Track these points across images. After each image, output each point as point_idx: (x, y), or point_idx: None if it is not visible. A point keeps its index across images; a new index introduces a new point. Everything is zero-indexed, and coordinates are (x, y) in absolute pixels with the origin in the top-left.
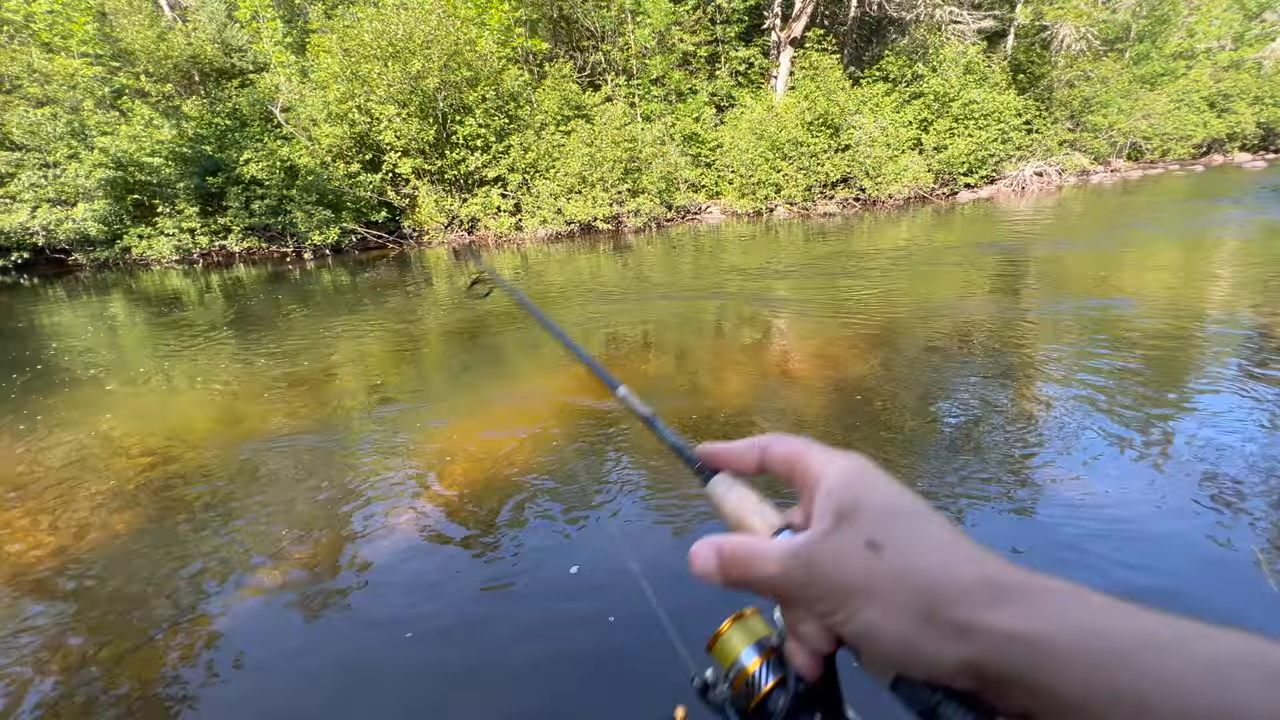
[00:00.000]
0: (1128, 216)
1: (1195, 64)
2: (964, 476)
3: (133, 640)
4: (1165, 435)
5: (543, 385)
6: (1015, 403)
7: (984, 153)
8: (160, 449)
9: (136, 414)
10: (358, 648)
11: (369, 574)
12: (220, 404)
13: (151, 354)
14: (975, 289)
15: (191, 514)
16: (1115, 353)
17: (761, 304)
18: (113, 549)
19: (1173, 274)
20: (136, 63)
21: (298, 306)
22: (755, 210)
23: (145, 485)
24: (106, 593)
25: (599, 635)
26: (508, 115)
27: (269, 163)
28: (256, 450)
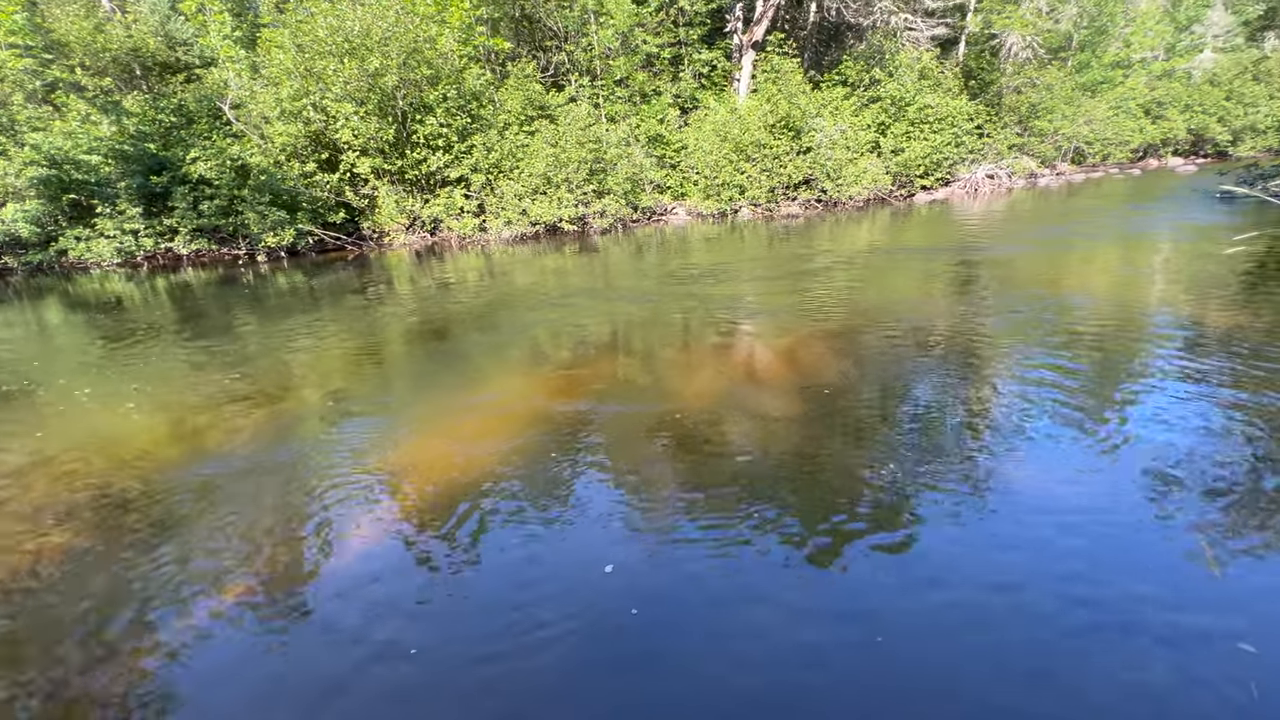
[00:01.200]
0: (1073, 217)
1: (1131, 73)
2: (922, 471)
3: (74, 668)
4: (1112, 428)
5: (506, 389)
6: (971, 399)
7: (939, 156)
8: (101, 466)
9: (74, 428)
10: (314, 667)
11: (325, 591)
12: (166, 416)
13: (91, 363)
14: (933, 288)
15: (136, 534)
16: (1064, 349)
17: (727, 305)
18: (51, 573)
19: (1115, 272)
20: (71, 55)
21: (251, 311)
22: (720, 211)
23: (85, 505)
24: (45, 619)
25: (562, 647)
26: (470, 115)
27: (218, 161)
28: (205, 465)
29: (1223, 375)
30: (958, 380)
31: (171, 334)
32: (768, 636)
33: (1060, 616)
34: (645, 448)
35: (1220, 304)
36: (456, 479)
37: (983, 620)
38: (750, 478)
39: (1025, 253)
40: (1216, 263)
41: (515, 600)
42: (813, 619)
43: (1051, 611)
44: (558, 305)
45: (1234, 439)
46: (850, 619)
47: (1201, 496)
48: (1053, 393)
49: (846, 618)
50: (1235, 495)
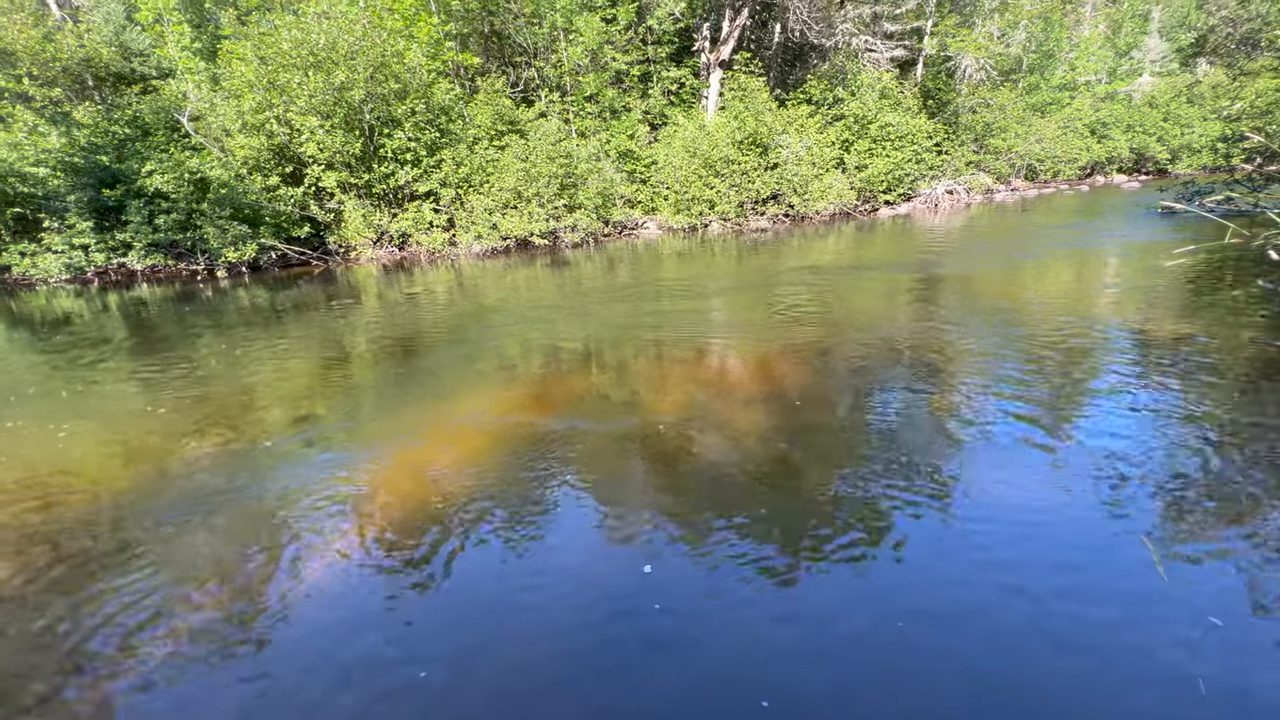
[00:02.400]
0: (1028, 232)
1: (1077, 94)
2: (890, 480)
3: (25, 700)
4: (1067, 435)
5: (477, 406)
6: (934, 408)
7: (900, 172)
8: (48, 492)
9: (19, 452)
10: (288, 682)
11: (297, 606)
12: (118, 435)
13: (36, 382)
14: (898, 301)
15: (87, 563)
16: (1020, 359)
17: (698, 319)
18: (5, 597)
19: (1067, 284)
20: (18, 64)
21: (210, 328)
22: (691, 225)
23: (33, 532)
24: (4, 643)
25: (536, 663)
26: (439, 129)
27: (175, 174)
28: (162, 489)
29: (1169, 381)
30: (922, 389)
31: (123, 353)
32: (747, 650)
33: (1022, 613)
34: (616, 462)
35: (1164, 313)
36: (425, 498)
37: (957, 617)
38: (721, 490)
39: (984, 266)
40: (1160, 274)
41: (487, 619)
42: (784, 626)
43: (1020, 609)
44: (529, 320)
45: (1182, 442)
46: (825, 625)
47: (1151, 498)
48: (1010, 402)
49: (820, 624)
50: (1185, 496)
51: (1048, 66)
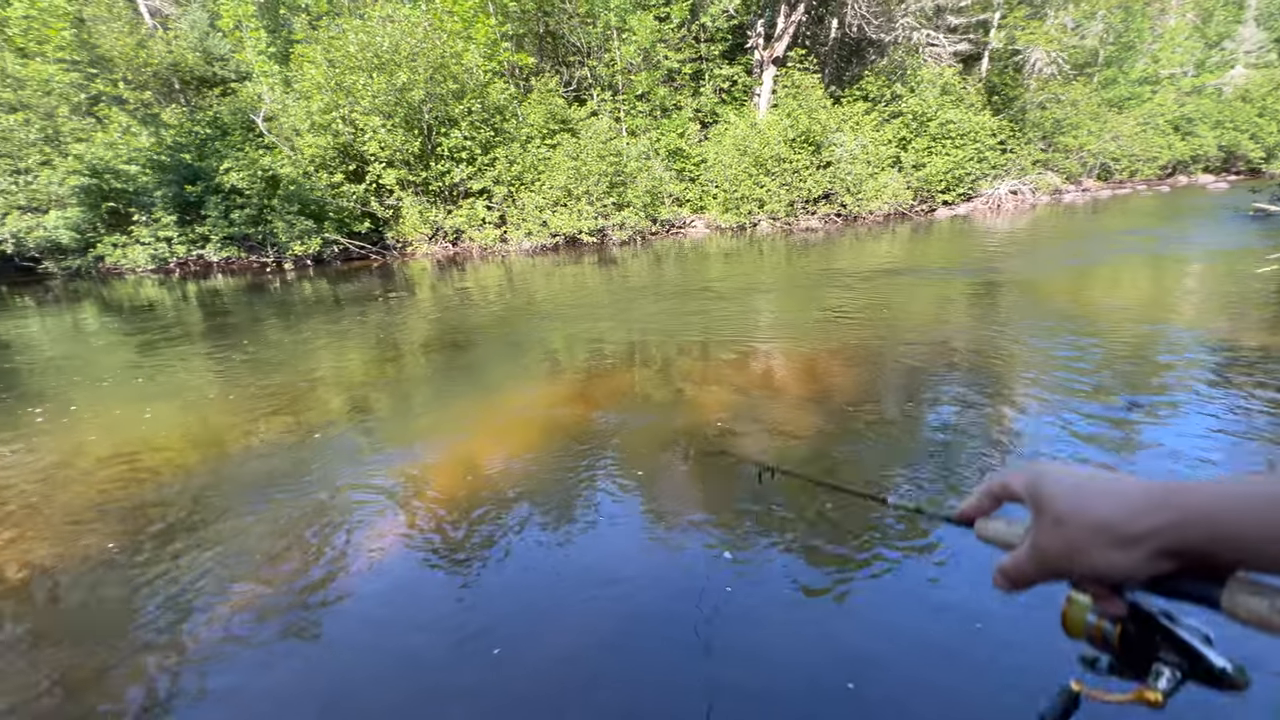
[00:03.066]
0: (1100, 235)
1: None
2: (941, 487)
3: (104, 662)
4: (1131, 447)
5: (527, 398)
6: (992, 418)
7: (961, 171)
8: (131, 466)
9: (107, 429)
10: (338, 671)
11: (350, 595)
12: (195, 419)
13: (123, 366)
14: (955, 306)
15: (164, 533)
16: (1089, 371)
17: (744, 319)
18: (83, 569)
19: (1144, 292)
20: (115, 70)
21: (278, 318)
22: (739, 224)
23: (116, 503)
24: (78, 614)
25: (579, 659)
26: (493, 128)
27: (250, 172)
28: (233, 467)
29: (1256, 403)
30: (979, 398)
31: (204, 339)
32: (792, 661)
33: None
34: (662, 460)
35: (1255, 326)
36: (475, 488)
37: (997, 636)
38: (769, 494)
39: (1050, 270)
40: (1251, 283)
41: (533, 612)
42: (828, 639)
43: None
44: (576, 317)
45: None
46: (872, 640)
47: None
48: (1075, 417)
49: (870, 631)
50: None
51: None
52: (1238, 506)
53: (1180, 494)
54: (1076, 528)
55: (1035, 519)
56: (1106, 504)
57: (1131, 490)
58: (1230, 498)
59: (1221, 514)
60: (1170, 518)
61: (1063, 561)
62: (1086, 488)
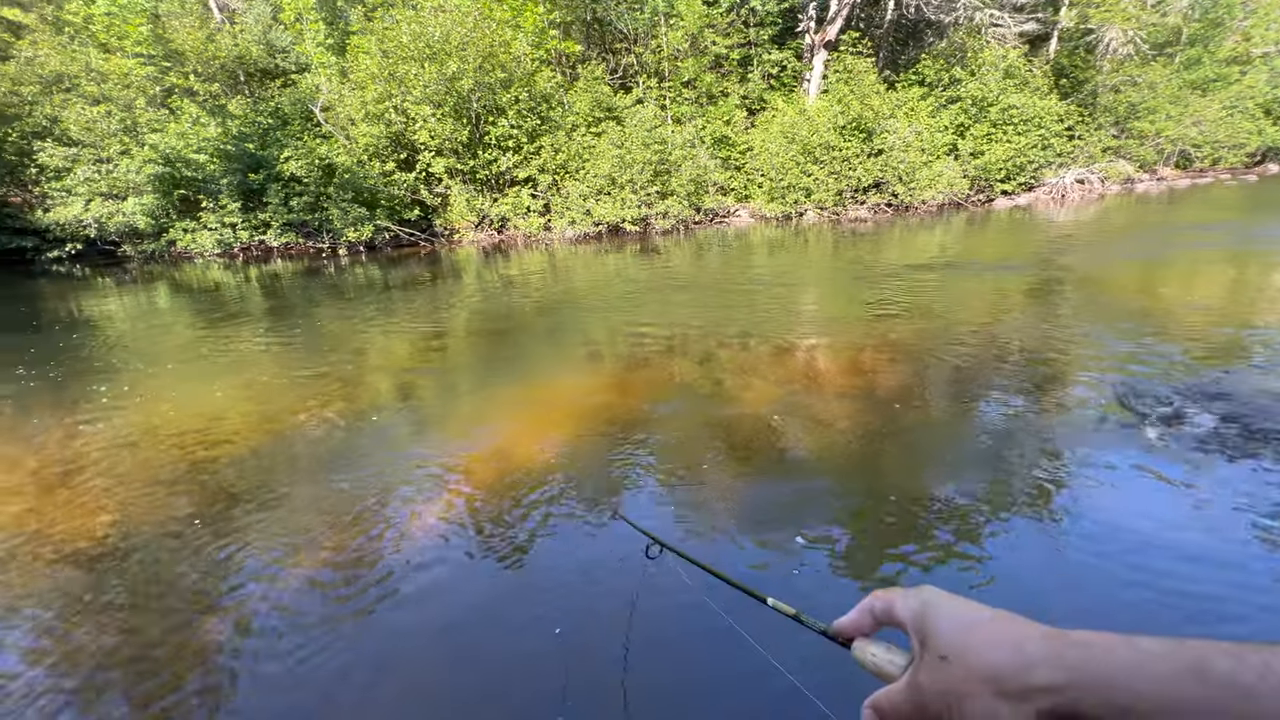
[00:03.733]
0: (1175, 228)
1: (1251, 69)
2: (989, 495)
3: (168, 623)
4: (1201, 465)
5: (568, 386)
6: (1045, 424)
7: (1023, 159)
8: (197, 437)
9: (176, 402)
10: (388, 637)
11: (400, 566)
12: (256, 395)
13: (192, 344)
14: (1011, 304)
15: (230, 506)
16: (1155, 376)
17: (787, 312)
18: (150, 532)
19: (1222, 292)
20: (186, 63)
21: (333, 302)
22: (784, 214)
23: (186, 476)
24: (144, 575)
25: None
26: (540, 116)
27: (308, 160)
28: (292, 445)
29: None
30: (1033, 402)
31: (265, 320)
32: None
33: None
34: (704, 452)
35: None
36: (518, 472)
37: None
38: (813, 488)
39: (1116, 267)
40: None
41: (573, 594)
42: None
43: None
44: (618, 306)
45: None
46: None
47: None
48: (1138, 425)
49: None
50: None
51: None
52: (1140, 675)
53: (1080, 649)
54: (963, 671)
55: (919, 653)
56: (999, 650)
57: (1029, 638)
58: (1131, 665)
59: (1122, 681)
60: (1068, 677)
61: (940, 706)
62: (980, 628)
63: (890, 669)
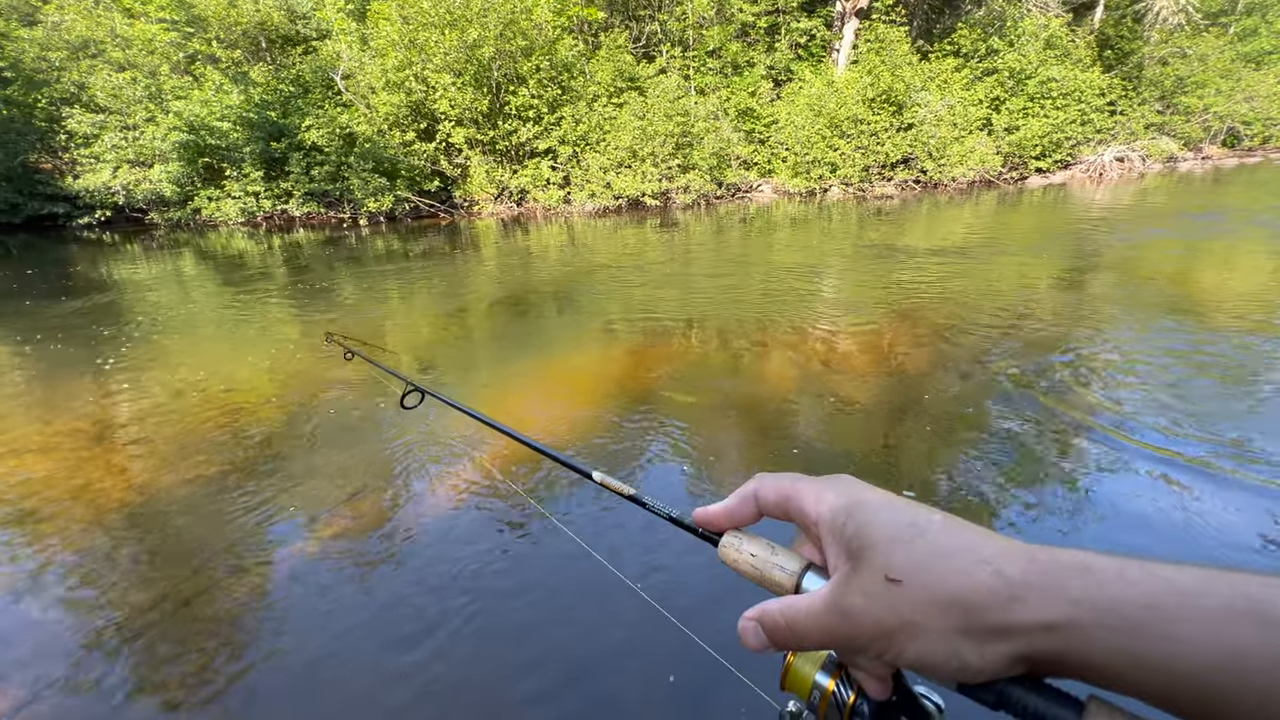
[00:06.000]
0: (1221, 210)
1: None
2: (1004, 481)
3: (196, 585)
4: (1230, 459)
5: (584, 361)
6: (1068, 411)
7: (1060, 135)
8: (223, 401)
9: (204, 366)
10: (407, 603)
11: (420, 533)
12: (278, 362)
13: (218, 310)
14: (1040, 288)
15: (250, 465)
16: (1188, 367)
17: (807, 293)
18: (179, 494)
19: (1265, 280)
20: (209, 29)
21: (354, 272)
22: (808, 190)
23: (209, 435)
24: (173, 536)
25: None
26: (560, 86)
27: (329, 129)
28: (311, 409)
29: None
30: (1055, 394)
31: (289, 288)
32: None
33: None
34: (716, 430)
35: None
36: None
37: None
38: (828, 469)
39: (1154, 250)
40: None
41: (585, 563)
42: None
43: None
44: (636, 282)
45: None
46: None
47: None
48: (1167, 417)
49: None
50: None
51: (1273, 6)
52: (1180, 616)
53: (1083, 576)
54: (919, 598)
55: (845, 567)
56: (972, 573)
57: (1008, 557)
58: (1163, 602)
59: (1155, 625)
60: (1070, 614)
61: (873, 638)
62: (941, 541)
63: (779, 576)
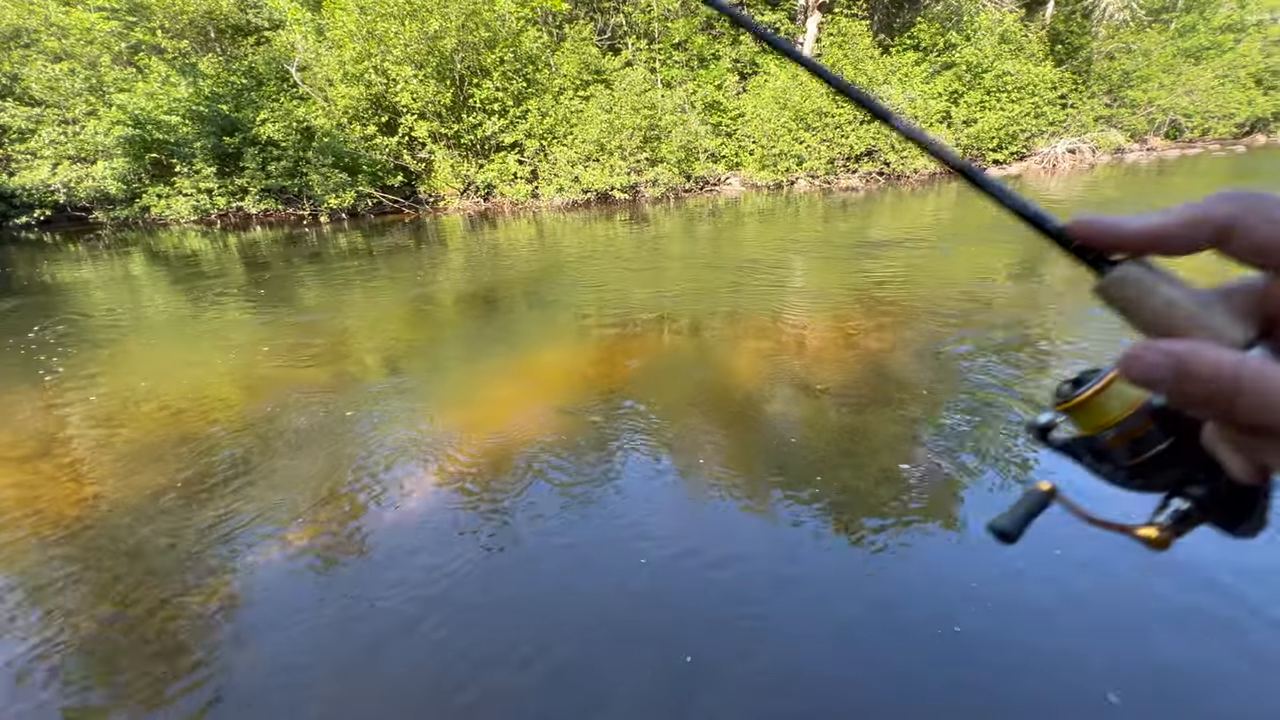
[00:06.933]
0: (1167, 199)
1: (1244, 37)
2: (974, 463)
3: (156, 597)
4: None
5: (555, 357)
6: (1029, 393)
7: (1015, 127)
8: (179, 408)
9: (157, 372)
10: (374, 612)
11: (386, 539)
12: (237, 366)
13: (171, 313)
14: (997, 276)
15: (213, 477)
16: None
17: (775, 285)
18: (135, 505)
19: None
20: (152, 17)
21: (315, 271)
22: (775, 183)
23: (165, 443)
24: (131, 548)
25: (609, 608)
26: (525, 79)
27: (285, 123)
28: (273, 413)
29: None
30: (1017, 371)
31: (245, 289)
32: (825, 623)
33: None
34: (690, 421)
35: None
36: (504, 441)
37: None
38: (797, 458)
39: None
40: None
41: (555, 564)
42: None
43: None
44: (607, 275)
45: None
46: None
47: None
48: None
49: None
50: None
51: (1210, 4)
52: None
53: None
54: None
55: None
56: None
57: None
58: None
59: None
60: None
61: None
62: None
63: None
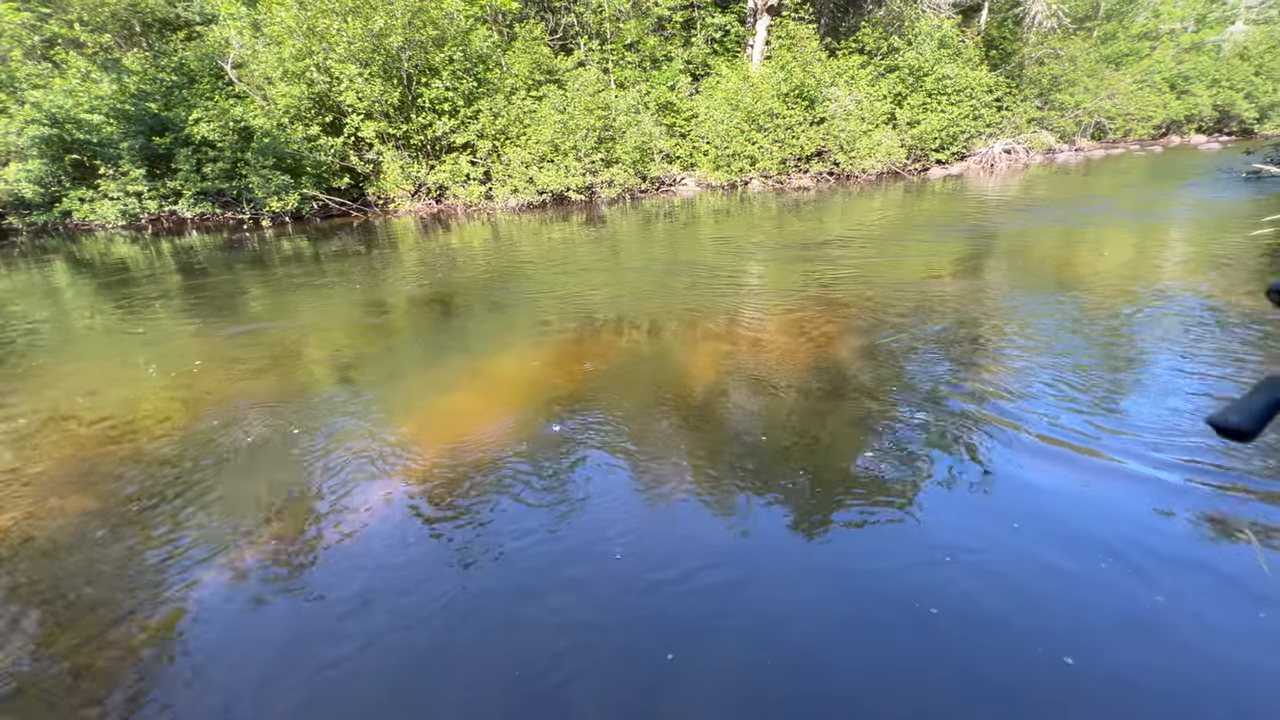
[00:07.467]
0: (1092, 196)
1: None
2: (927, 450)
3: (88, 632)
4: (1115, 411)
5: (512, 360)
6: (975, 381)
7: (955, 129)
8: (109, 428)
9: (83, 390)
10: (324, 634)
11: (337, 558)
12: (173, 380)
13: (99, 325)
14: (944, 270)
15: (149, 497)
16: (1074, 332)
17: (735, 280)
18: (63, 535)
19: (1133, 254)
20: (69, 9)
21: (257, 277)
22: (730, 182)
23: (99, 467)
24: (59, 580)
25: (571, 617)
26: (476, 78)
27: (221, 123)
28: (213, 430)
29: (1241, 362)
30: (964, 361)
31: (180, 298)
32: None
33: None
34: (650, 423)
35: (1245, 286)
36: (462, 450)
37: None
38: (758, 454)
39: (1041, 233)
40: (1243, 245)
41: (521, 573)
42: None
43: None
44: (564, 277)
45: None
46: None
47: (1205, 479)
48: (1060, 375)
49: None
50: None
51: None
52: None
53: None
54: None
55: None
56: None
57: None
58: None
59: None
60: None
61: None
62: None
63: None
